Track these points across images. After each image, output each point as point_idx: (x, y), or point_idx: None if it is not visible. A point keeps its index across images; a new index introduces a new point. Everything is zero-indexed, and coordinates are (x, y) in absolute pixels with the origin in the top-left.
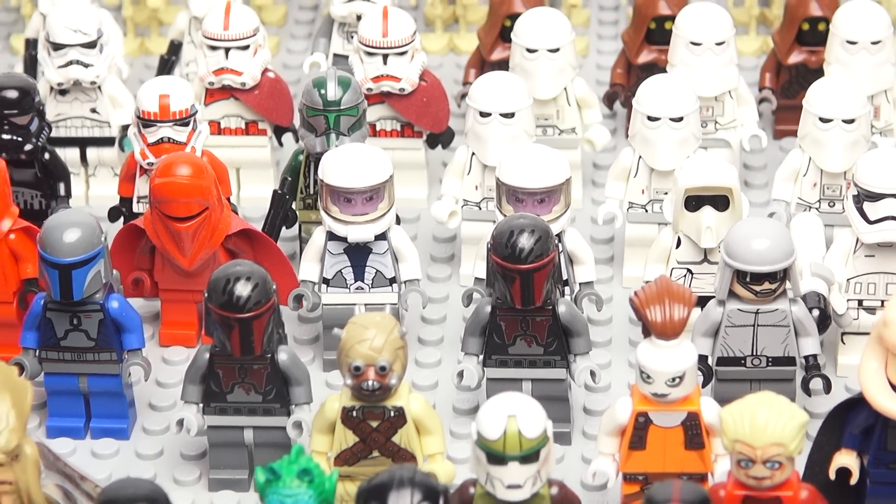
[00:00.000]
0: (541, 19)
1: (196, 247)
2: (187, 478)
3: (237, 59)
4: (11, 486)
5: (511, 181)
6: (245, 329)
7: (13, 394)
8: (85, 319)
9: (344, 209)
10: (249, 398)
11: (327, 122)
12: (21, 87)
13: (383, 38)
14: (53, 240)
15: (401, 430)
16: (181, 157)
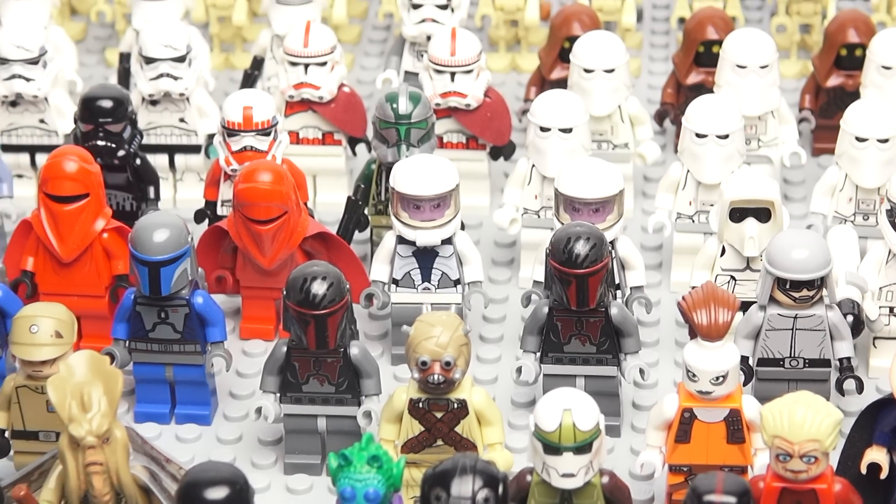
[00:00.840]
0: (597, 42)
1: (275, 248)
2: (264, 462)
3: (315, 75)
4: (102, 466)
5: (569, 192)
6: (320, 325)
7: (105, 381)
8: (172, 313)
9: (413, 215)
10: (323, 389)
11: (398, 134)
12: (115, 97)
13: (451, 57)
14: (144, 239)
15: (463, 420)
16: (263, 165)
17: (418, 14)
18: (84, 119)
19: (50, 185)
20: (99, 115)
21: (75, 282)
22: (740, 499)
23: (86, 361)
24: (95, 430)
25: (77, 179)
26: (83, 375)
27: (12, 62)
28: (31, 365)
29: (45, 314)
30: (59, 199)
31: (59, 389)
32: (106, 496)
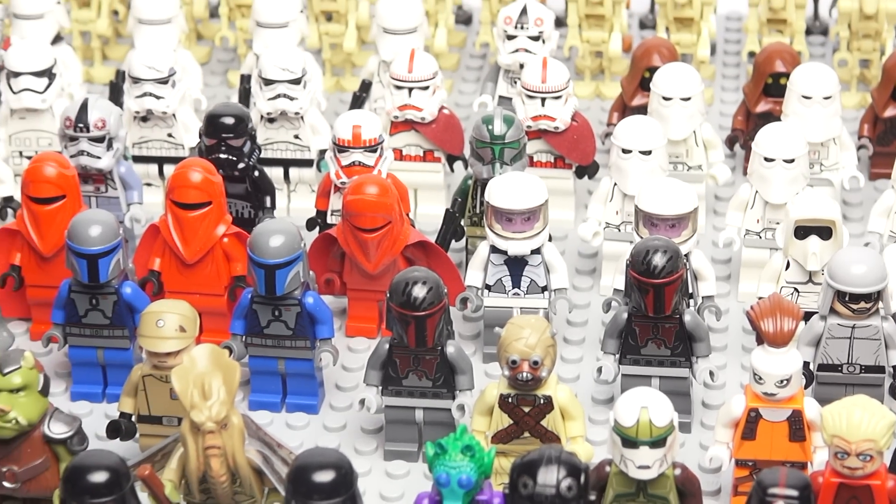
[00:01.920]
0: (675, 72)
1: (379, 254)
2: (366, 448)
3: (418, 98)
4: (220, 450)
5: (648, 208)
6: (420, 325)
7: (224, 372)
8: (285, 312)
9: (505, 227)
10: (421, 383)
11: (493, 153)
12: (236, 114)
13: (542, 84)
14: (261, 244)
15: (548, 415)
16: (370, 179)
17: (512, 44)
18: (208, 134)
19: (176, 193)
20: (222, 131)
21: (197, 281)
22: (802, 492)
23: (207, 354)
24: (214, 417)
25: (201, 188)
26: (204, 367)
27: (144, 81)
28: (156, 356)
29: (170, 310)
30: (185, 206)
31: (183, 379)
32: (222, 477)
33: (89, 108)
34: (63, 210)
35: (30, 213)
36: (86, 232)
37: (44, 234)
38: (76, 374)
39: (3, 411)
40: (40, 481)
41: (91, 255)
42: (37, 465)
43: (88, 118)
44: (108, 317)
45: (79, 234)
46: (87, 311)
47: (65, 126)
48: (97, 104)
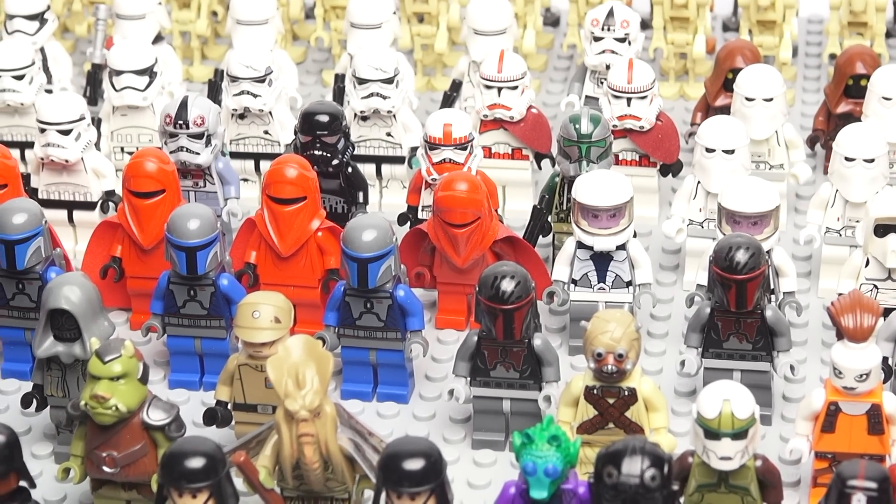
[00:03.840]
0: (758, 74)
1: (469, 249)
2: (454, 437)
3: (507, 97)
4: (313, 437)
5: (731, 206)
6: (508, 318)
7: (317, 362)
8: (377, 304)
9: (592, 223)
10: (508, 374)
11: (580, 151)
12: (331, 112)
13: (628, 84)
14: (355, 238)
15: (632, 406)
16: (460, 175)
17: (599, 46)
18: (303, 131)
19: (273, 188)
20: (317, 129)
21: (292, 274)
22: (881, 484)
23: (301, 344)
24: (308, 405)
25: (297, 184)
26: (299, 357)
27: (242, 80)
28: (252, 346)
29: (266, 302)
30: (281, 200)
31: (278, 368)
32: (315, 464)
33: (189, 106)
34: (162, 204)
35: (130, 207)
36: (185, 225)
37: (144, 228)
38: (174, 363)
39: (103, 398)
40: (139, 466)
41: (190, 247)
42: (135, 451)
43: (188, 115)
44: (206, 308)
45: (178, 227)
46: (185, 302)
47: (165, 123)
48: (196, 102)
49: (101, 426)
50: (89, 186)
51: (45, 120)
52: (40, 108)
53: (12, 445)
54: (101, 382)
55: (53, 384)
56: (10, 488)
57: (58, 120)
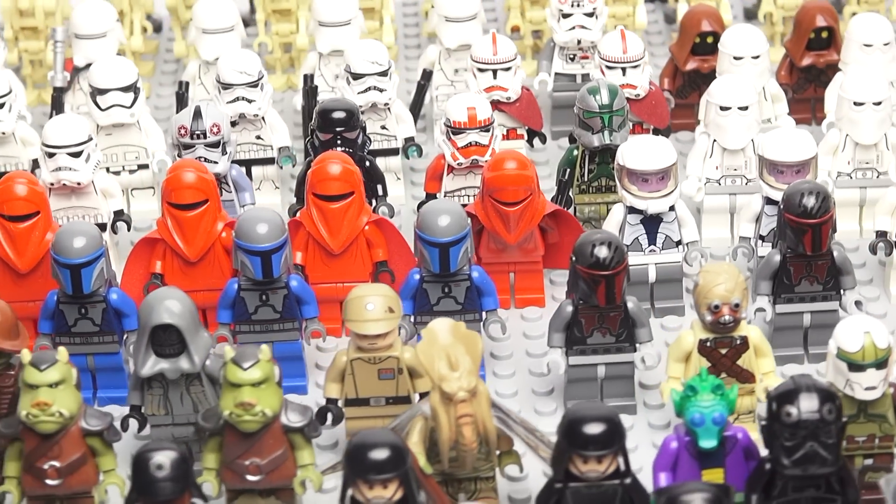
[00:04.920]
0: (744, 33)
1: (521, 226)
2: (546, 409)
3: (503, 78)
4: (472, 418)
5: (775, 157)
6: (610, 284)
7: (465, 343)
8: (455, 287)
9: (642, 187)
10: (605, 340)
11: (602, 121)
12: (348, 108)
13: (623, 54)
14: (431, 224)
15: (744, 354)
16: (509, 154)
17: (568, 22)
18: (322, 129)
19: (319, 186)
20: (336, 125)
21: (343, 270)
22: None
23: (446, 327)
24: (465, 386)
25: (343, 179)
26: (446, 339)
27: (236, 86)
28: (366, 339)
29: (376, 293)
30: (328, 198)
31: (427, 353)
32: (474, 444)
33: (203, 115)
34: (206, 214)
35: (173, 220)
36: (254, 230)
37: (189, 240)
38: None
39: (250, 405)
40: (281, 471)
41: (265, 251)
42: (278, 456)
43: (204, 124)
44: (279, 311)
45: (248, 232)
46: (257, 308)
47: (179, 134)
48: (209, 110)
49: (244, 434)
50: (99, 208)
51: (54, 144)
52: (47, 133)
53: (187, 461)
54: (243, 390)
55: (154, 403)
56: None
57: (67, 143)
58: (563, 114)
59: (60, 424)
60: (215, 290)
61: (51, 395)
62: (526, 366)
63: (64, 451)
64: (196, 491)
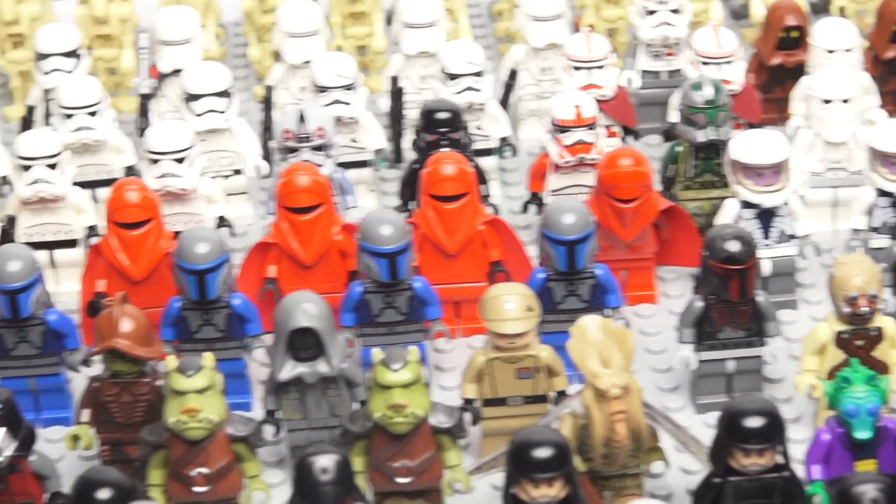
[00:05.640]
0: (836, 26)
1: (636, 223)
2: (675, 405)
3: (598, 76)
4: (625, 414)
5: (887, 148)
6: (742, 278)
7: (617, 339)
8: (580, 285)
9: (756, 182)
10: (735, 334)
11: (707, 117)
12: (451, 108)
13: (718, 49)
14: (557, 222)
15: (878, 346)
16: (624, 151)
17: (654, 19)
18: (427, 130)
19: (434, 187)
20: (440, 126)
21: (459, 272)
22: None
23: (596, 324)
24: (619, 383)
25: (458, 180)
26: (597, 336)
27: (332, 89)
28: (505, 338)
29: (514, 292)
30: (444, 198)
31: (579, 351)
32: (627, 440)
33: (307, 118)
34: (322, 218)
35: (290, 225)
36: (378, 231)
37: (306, 244)
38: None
39: (402, 406)
40: (431, 473)
41: (391, 253)
42: (428, 458)
43: (308, 127)
44: (404, 312)
45: (373, 234)
46: (381, 310)
47: (284, 138)
48: (313, 113)
49: (393, 437)
50: (203, 214)
51: (159, 150)
52: (151, 140)
53: (350, 464)
54: (394, 391)
55: (291, 407)
56: None
57: (171, 149)
58: (649, 111)
59: (209, 430)
60: (331, 293)
61: (199, 402)
62: (647, 363)
63: (211, 458)
64: (358, 494)
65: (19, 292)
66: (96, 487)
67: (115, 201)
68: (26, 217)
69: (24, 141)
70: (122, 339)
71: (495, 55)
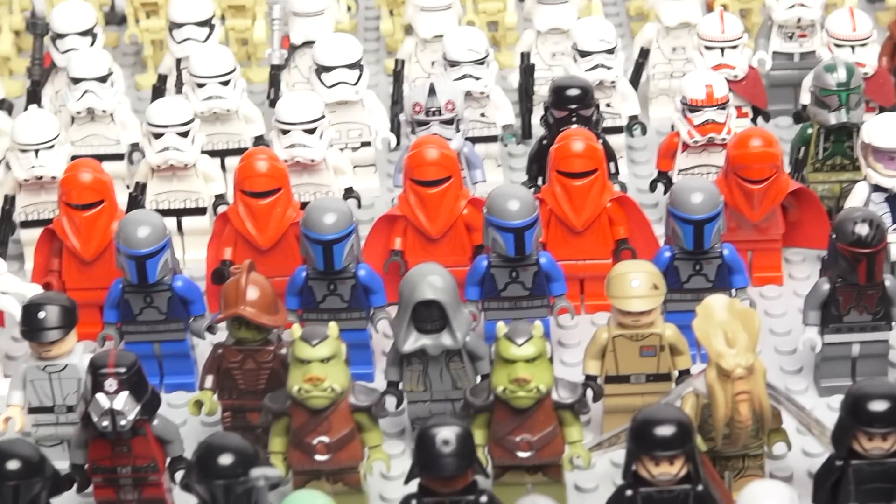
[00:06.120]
0: None
1: (764, 204)
2: (798, 388)
3: (731, 56)
4: (749, 395)
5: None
6: (871, 261)
7: (742, 320)
8: (706, 265)
9: (887, 165)
10: (861, 318)
11: (840, 99)
12: (583, 85)
13: (853, 32)
14: (685, 201)
15: None
16: (755, 132)
17: (788, 1)
18: (557, 106)
19: (563, 164)
20: (570, 103)
21: (585, 248)
22: None
23: (722, 304)
24: (744, 363)
25: (587, 157)
26: (722, 316)
27: (463, 63)
28: (630, 315)
29: (641, 270)
30: (573, 175)
31: (704, 330)
32: (749, 421)
33: (438, 92)
34: (449, 191)
35: (417, 197)
36: (505, 206)
37: (433, 217)
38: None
39: (525, 381)
40: (551, 448)
41: (518, 228)
42: (549, 432)
43: (438, 101)
44: (528, 288)
45: (500, 209)
46: (506, 285)
47: (414, 111)
48: (443, 87)
49: (515, 411)
50: (331, 185)
51: (288, 120)
52: (281, 110)
53: (472, 437)
54: (518, 366)
55: (413, 379)
56: (467, 482)
57: (302, 119)
58: (781, 93)
59: (332, 400)
60: (456, 267)
61: (323, 371)
62: (772, 344)
63: (333, 427)
64: (478, 467)
65: (148, 258)
66: (218, 453)
67: (244, 170)
68: (155, 184)
69: (156, 109)
70: (248, 306)
71: (627, 33)
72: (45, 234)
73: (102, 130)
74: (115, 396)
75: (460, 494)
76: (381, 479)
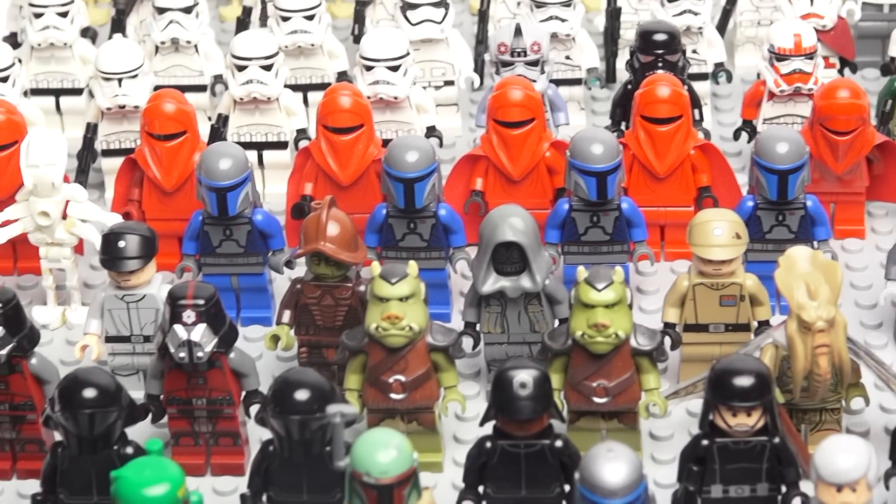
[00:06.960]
0: None
1: (849, 156)
2: (877, 342)
3: (820, 5)
4: (829, 348)
5: None
6: None
7: (825, 272)
8: (789, 215)
9: None
10: None
11: None
12: (670, 30)
13: None
14: (770, 150)
15: None
16: (843, 82)
17: None
18: (643, 51)
19: (647, 109)
20: (656, 48)
21: (667, 195)
22: None
23: (805, 256)
24: (825, 316)
25: (673, 102)
26: (805, 268)
27: (549, 5)
28: (711, 263)
29: (724, 218)
30: (657, 121)
31: (786, 281)
32: (828, 374)
33: (523, 33)
34: (532, 133)
35: (500, 138)
36: (588, 150)
37: (515, 158)
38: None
39: (604, 326)
40: (628, 394)
41: (601, 172)
42: (625, 379)
43: (524, 42)
44: (609, 233)
45: (583, 152)
46: (587, 229)
47: (499, 52)
48: (529, 28)
49: (593, 356)
50: (413, 123)
51: (373, 56)
52: (366, 47)
53: (549, 380)
54: (597, 311)
55: (491, 321)
56: (542, 426)
57: (386, 56)
58: (869, 44)
59: (409, 339)
60: (537, 210)
61: (401, 309)
62: (852, 298)
63: (410, 366)
64: (554, 411)
65: (228, 190)
66: (294, 388)
67: (327, 105)
68: (238, 117)
69: (241, 41)
70: (327, 242)
71: None
72: (126, 163)
73: (186, 61)
74: (192, 328)
75: (535, 438)
76: (456, 420)
